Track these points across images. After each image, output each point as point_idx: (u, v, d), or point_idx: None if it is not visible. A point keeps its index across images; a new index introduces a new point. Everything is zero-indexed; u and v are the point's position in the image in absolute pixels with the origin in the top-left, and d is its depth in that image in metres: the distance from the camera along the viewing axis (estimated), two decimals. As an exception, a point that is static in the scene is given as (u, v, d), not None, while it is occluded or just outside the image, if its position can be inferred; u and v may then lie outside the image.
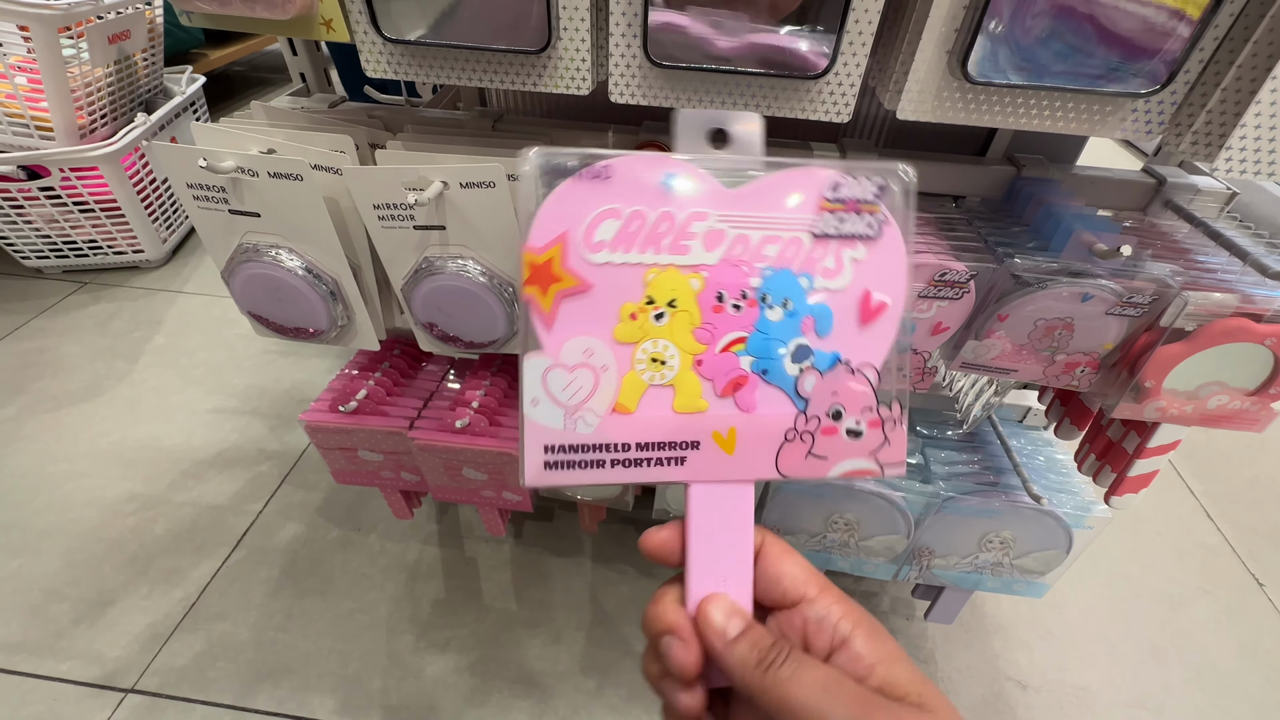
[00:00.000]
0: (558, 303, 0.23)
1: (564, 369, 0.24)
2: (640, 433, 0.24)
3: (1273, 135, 0.32)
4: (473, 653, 0.73)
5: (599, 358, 0.24)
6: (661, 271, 0.24)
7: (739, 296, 0.24)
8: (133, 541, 0.82)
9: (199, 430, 0.98)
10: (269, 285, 0.47)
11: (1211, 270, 0.41)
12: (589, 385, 0.24)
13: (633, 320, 0.24)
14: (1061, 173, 0.47)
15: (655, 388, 0.24)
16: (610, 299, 0.24)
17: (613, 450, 0.24)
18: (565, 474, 0.24)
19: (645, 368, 0.24)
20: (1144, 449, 0.46)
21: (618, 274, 0.23)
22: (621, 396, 0.24)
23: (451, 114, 0.52)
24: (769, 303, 0.24)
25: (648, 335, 0.24)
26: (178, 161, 0.42)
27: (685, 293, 0.24)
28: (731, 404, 0.24)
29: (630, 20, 0.35)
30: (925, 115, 0.36)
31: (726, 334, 0.24)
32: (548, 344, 0.24)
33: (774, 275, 0.24)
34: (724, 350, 0.24)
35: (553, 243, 0.23)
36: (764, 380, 0.24)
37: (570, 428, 0.24)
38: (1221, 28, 0.32)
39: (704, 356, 0.24)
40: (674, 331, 0.24)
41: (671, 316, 0.24)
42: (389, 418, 0.61)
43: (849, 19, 0.33)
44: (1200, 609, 0.81)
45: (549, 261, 0.23)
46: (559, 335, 0.24)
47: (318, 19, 0.35)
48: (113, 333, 1.17)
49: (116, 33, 1.15)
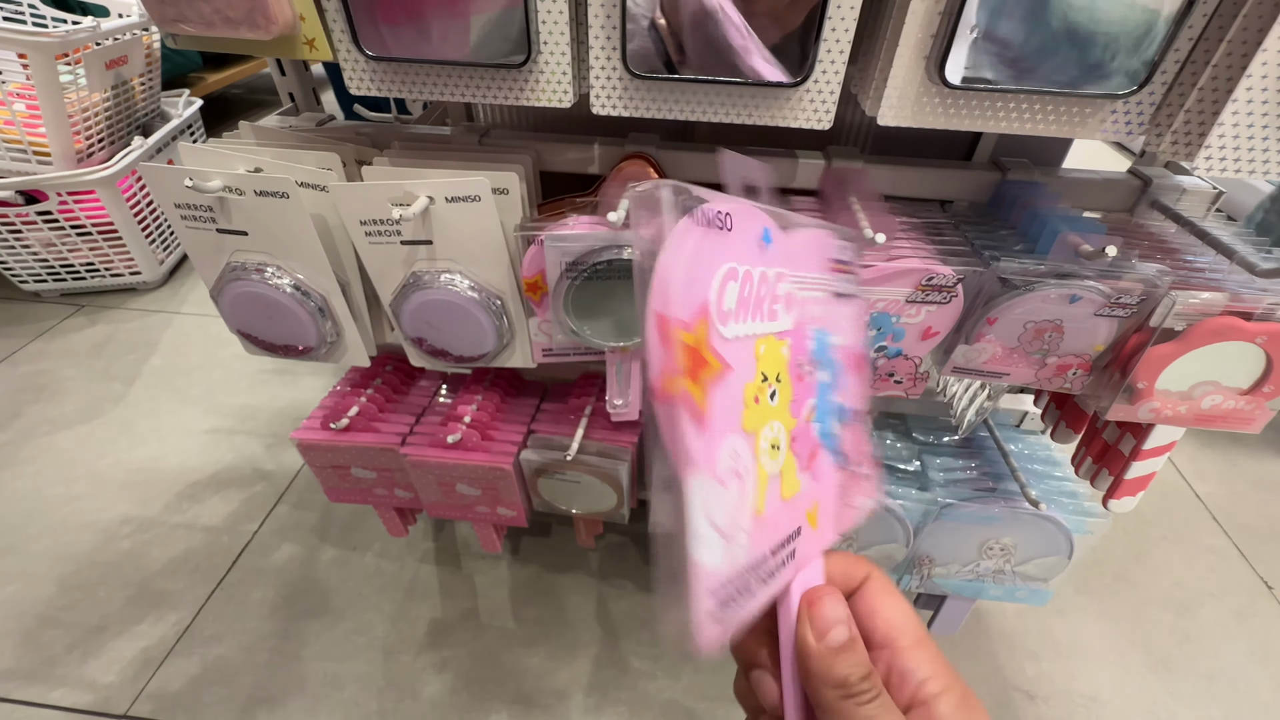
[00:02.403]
0: (709, 395, 0.17)
1: (719, 483, 0.18)
2: (770, 536, 0.19)
3: (1250, 133, 0.32)
4: (470, 672, 0.72)
5: (743, 460, 0.18)
6: (767, 342, 0.20)
7: (807, 362, 0.21)
8: (128, 565, 0.82)
9: (195, 451, 0.98)
10: (257, 303, 0.47)
11: (1199, 269, 0.41)
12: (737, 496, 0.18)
13: (755, 404, 0.19)
14: (1047, 175, 0.47)
15: (772, 479, 0.20)
16: (738, 382, 0.19)
17: (757, 570, 0.19)
18: (730, 618, 0.18)
19: (768, 458, 0.20)
20: (1140, 451, 0.46)
21: (740, 349, 0.19)
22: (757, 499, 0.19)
23: (438, 130, 0.52)
24: (820, 365, 0.22)
25: (766, 419, 0.19)
26: (165, 182, 0.42)
27: (782, 364, 0.20)
28: (809, 477, 0.21)
29: (609, 33, 0.35)
30: (905, 121, 0.36)
31: (805, 402, 0.21)
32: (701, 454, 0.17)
33: (818, 336, 0.22)
34: (806, 421, 0.21)
35: (698, 314, 0.17)
36: (824, 446, 0.22)
37: (731, 558, 0.18)
38: (1196, 28, 0.32)
39: (797, 431, 0.21)
40: (781, 410, 0.20)
41: (780, 393, 0.20)
42: (381, 434, 0.60)
43: (825, 28, 0.33)
44: (1208, 614, 0.80)
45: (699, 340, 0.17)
46: (713, 438, 0.18)
47: (300, 38, 0.36)
48: (109, 355, 1.17)
49: (114, 58, 1.17)
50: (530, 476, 0.61)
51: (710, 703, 0.70)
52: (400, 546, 0.85)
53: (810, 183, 0.49)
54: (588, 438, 0.59)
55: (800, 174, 0.48)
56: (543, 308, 0.46)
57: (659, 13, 0.34)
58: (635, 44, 0.35)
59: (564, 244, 0.41)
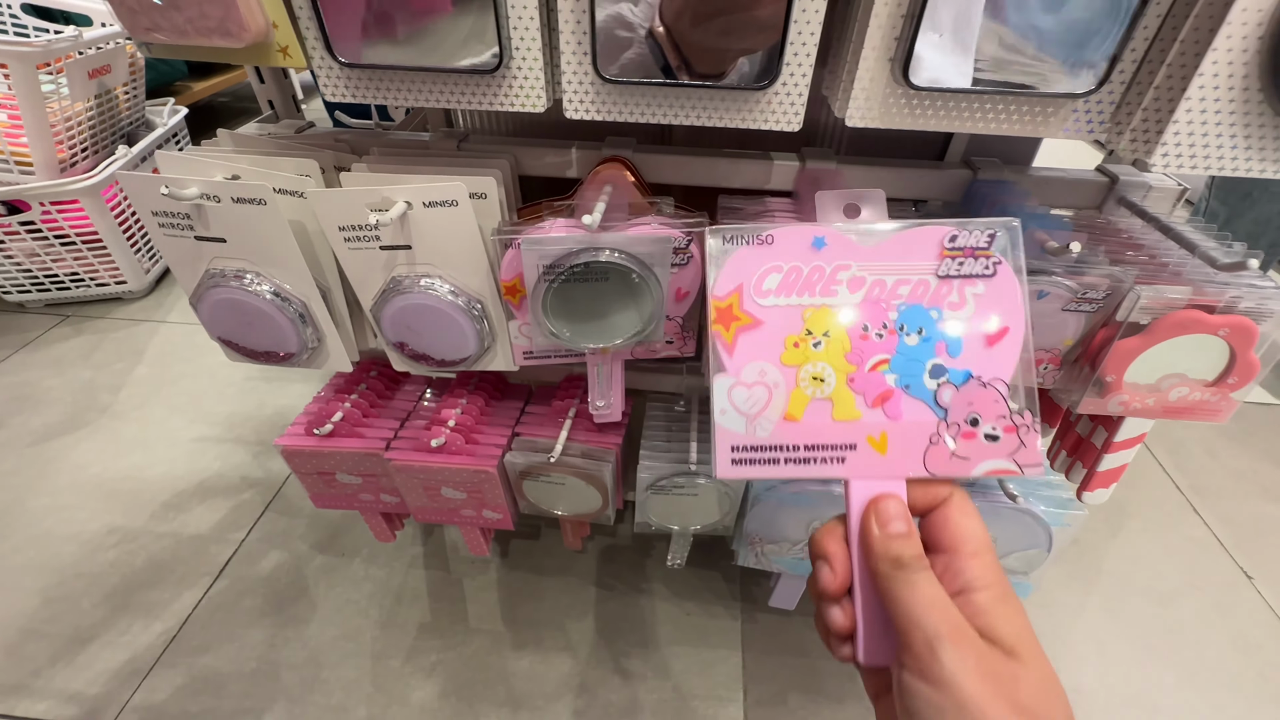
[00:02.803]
0: (737, 336, 0.29)
1: (744, 386, 0.29)
2: (807, 436, 0.29)
3: (1205, 130, 0.33)
4: (459, 676, 0.72)
5: (770, 377, 0.29)
6: (816, 310, 0.29)
7: (880, 327, 0.29)
8: (113, 575, 0.81)
9: (181, 460, 0.98)
10: (237, 310, 0.47)
11: (1164, 264, 0.42)
12: (764, 399, 0.29)
13: (795, 348, 0.29)
14: (1017, 174, 0.48)
15: (817, 401, 0.29)
16: (778, 332, 0.29)
17: (785, 450, 0.29)
18: (748, 469, 0.29)
19: (808, 385, 0.29)
20: (1111, 444, 0.46)
21: (782, 313, 0.29)
22: (790, 408, 0.29)
23: (417, 135, 0.53)
24: (906, 331, 0.29)
25: (808, 359, 0.29)
26: (142, 190, 0.42)
27: (836, 326, 0.29)
28: (881, 413, 0.29)
29: (580, 38, 0.35)
30: (873, 122, 0.37)
31: (872, 356, 0.29)
32: (730, 367, 0.29)
33: (908, 309, 0.29)
34: (872, 370, 0.29)
35: (732, 292, 0.29)
36: (907, 394, 0.29)
37: (751, 432, 0.29)
38: (1150, 28, 0.33)
39: (855, 375, 0.29)
40: (830, 355, 0.29)
41: (827, 344, 0.29)
42: (366, 439, 0.61)
43: (790, 31, 0.34)
44: (1189, 604, 0.81)
45: (730, 305, 0.29)
46: (739, 361, 0.29)
47: (274, 46, 0.36)
48: (95, 364, 1.16)
49: (97, 67, 1.16)
50: (515, 479, 0.61)
51: (700, 701, 0.70)
52: (388, 552, 0.85)
53: (786, 184, 0.49)
54: (572, 439, 0.59)
55: (775, 176, 0.49)
56: (522, 311, 0.47)
57: (657, 21, 0.35)
58: (632, 52, 0.36)
59: (541, 247, 0.42)
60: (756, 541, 0.61)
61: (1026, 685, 0.23)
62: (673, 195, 0.47)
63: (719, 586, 0.81)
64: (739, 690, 0.71)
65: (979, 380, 0.29)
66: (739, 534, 0.62)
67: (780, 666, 0.73)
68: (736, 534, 0.63)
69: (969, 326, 0.29)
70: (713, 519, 0.62)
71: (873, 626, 0.27)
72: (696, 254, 0.44)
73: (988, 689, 0.22)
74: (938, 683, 0.22)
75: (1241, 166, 0.34)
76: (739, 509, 0.61)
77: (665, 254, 0.42)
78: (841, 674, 0.72)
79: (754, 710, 0.70)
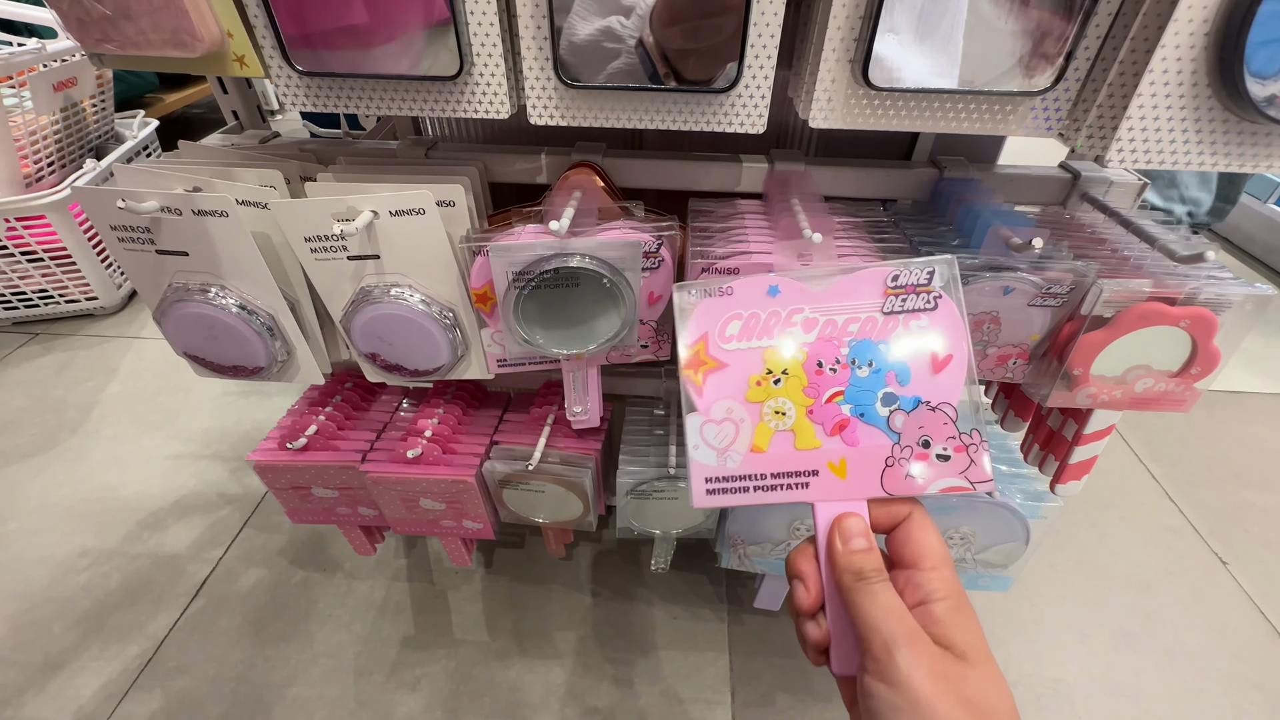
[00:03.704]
0: (705, 378, 0.32)
1: (714, 423, 0.32)
2: (773, 465, 0.31)
3: (1157, 125, 0.33)
4: (444, 689, 0.71)
5: (737, 413, 0.32)
6: (775, 351, 0.32)
7: (834, 362, 0.32)
8: (85, 599, 0.79)
9: (156, 478, 0.96)
10: (202, 324, 0.47)
11: (1126, 258, 0.42)
12: (733, 433, 0.32)
13: (758, 386, 0.32)
14: (982, 172, 0.49)
15: (780, 432, 0.32)
16: (741, 372, 0.32)
17: (754, 479, 0.32)
18: (722, 498, 0.32)
19: (771, 418, 0.32)
20: (1081, 436, 0.47)
21: (745, 355, 0.32)
22: (756, 440, 0.32)
23: (384, 144, 0.52)
24: (857, 364, 0.32)
25: (770, 395, 0.32)
26: (99, 204, 0.41)
27: (794, 364, 0.32)
28: (840, 441, 0.31)
29: (540, 44, 0.35)
30: (836, 122, 0.37)
31: (828, 389, 0.32)
32: (700, 407, 0.32)
33: (858, 344, 0.32)
34: (828, 401, 0.32)
35: (699, 339, 0.33)
36: (862, 421, 0.31)
37: (722, 463, 0.32)
38: (1102, 26, 0.33)
39: (813, 407, 0.32)
40: (789, 391, 0.32)
41: (786, 381, 0.32)
42: (341, 452, 0.60)
43: (750, 34, 0.34)
44: (1167, 591, 0.82)
45: (698, 352, 0.33)
46: (708, 400, 0.32)
47: (230, 55, 0.36)
48: (65, 383, 1.14)
49: (62, 80, 1.14)
50: (495, 488, 0.60)
51: (689, 705, 0.70)
52: (371, 565, 0.83)
53: (755, 186, 0.49)
54: (551, 446, 0.59)
55: (745, 178, 0.49)
56: (494, 318, 0.47)
57: (647, 31, 0.35)
58: (620, 62, 0.36)
59: (510, 254, 0.41)
60: (739, 543, 0.61)
61: (974, 683, 0.25)
62: (644, 199, 0.47)
63: (704, 589, 0.81)
64: (727, 693, 0.71)
65: (928, 405, 0.31)
66: (721, 536, 0.62)
67: (767, 667, 0.73)
68: (719, 536, 0.63)
69: (915, 356, 0.31)
70: (695, 522, 0.62)
71: (842, 637, 0.29)
72: (668, 257, 0.44)
73: (939, 687, 0.24)
74: (894, 683, 0.24)
75: (1194, 161, 0.35)
76: (720, 512, 0.61)
77: (636, 258, 0.42)
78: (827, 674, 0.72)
79: (742, 712, 0.70)
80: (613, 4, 0.34)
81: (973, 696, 0.24)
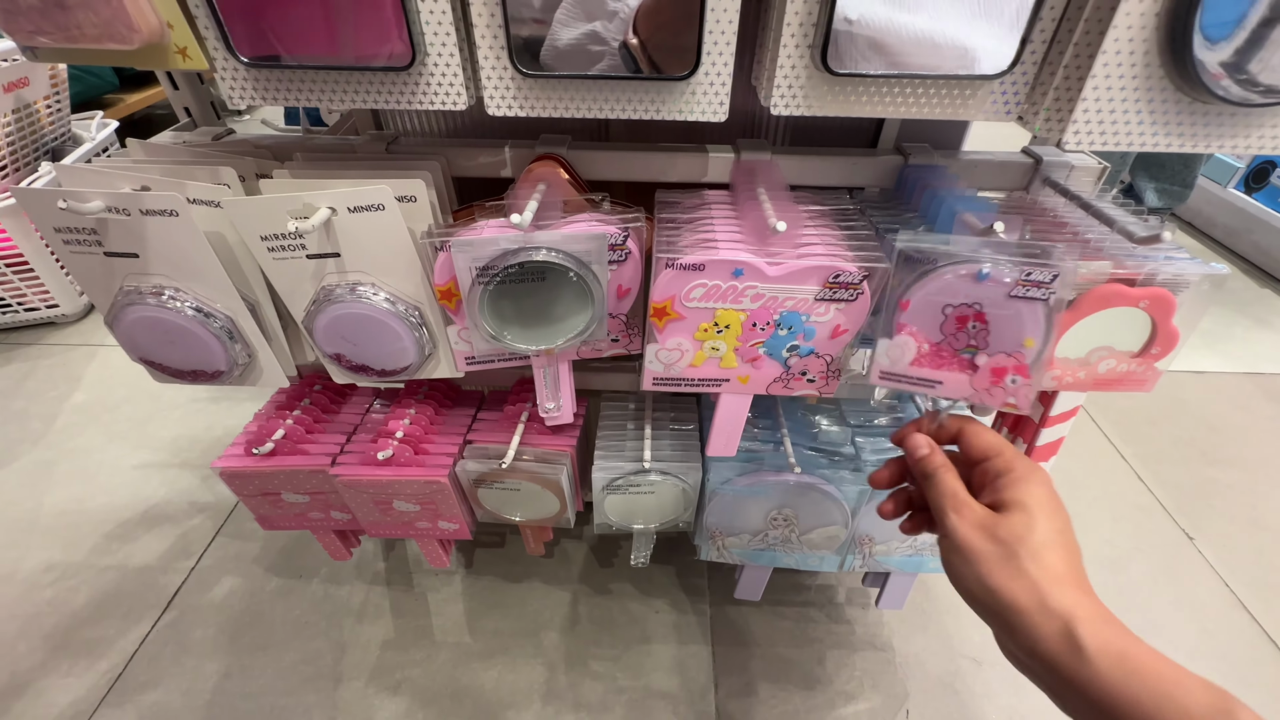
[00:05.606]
0: (667, 325, 0.43)
1: (666, 350, 0.45)
2: (701, 374, 0.46)
3: (1112, 107, 0.34)
4: (426, 692, 0.70)
5: (684, 346, 0.45)
6: (725, 311, 0.42)
7: (765, 324, 0.43)
8: (50, 615, 0.77)
9: (124, 488, 0.93)
10: (157, 328, 0.45)
11: (1087, 241, 0.43)
12: (678, 357, 0.45)
13: (705, 331, 0.44)
14: (947, 158, 0.49)
15: (711, 359, 0.45)
16: (695, 322, 0.43)
17: (687, 381, 0.47)
18: (664, 385, 0.47)
19: (708, 351, 0.45)
20: (1047, 418, 0.48)
21: (701, 312, 0.43)
22: (694, 361, 0.45)
23: (344, 140, 0.51)
24: (781, 327, 0.43)
25: (710, 338, 0.44)
26: (40, 205, 0.40)
27: (735, 321, 0.43)
28: (750, 366, 0.46)
29: (495, 31, 0.34)
30: (797, 109, 0.37)
31: (753, 340, 0.44)
32: (659, 340, 0.44)
33: (787, 314, 0.43)
34: (751, 346, 0.44)
35: (668, 298, 0.42)
36: (768, 357, 0.45)
37: (667, 371, 0.46)
38: (1057, 8, 0.33)
39: (740, 348, 0.45)
40: (726, 338, 0.44)
41: (726, 332, 0.44)
42: (310, 456, 0.58)
43: (707, 20, 0.33)
44: (1137, 568, 0.84)
45: (665, 307, 0.42)
46: (665, 338, 0.44)
47: (171, 48, 0.34)
48: (27, 394, 1.10)
49: (12, 80, 1.10)
50: (469, 487, 0.60)
51: (671, 699, 0.70)
52: (348, 570, 0.82)
53: (722, 176, 0.49)
54: (525, 444, 0.58)
55: (712, 168, 0.49)
56: (460, 315, 0.46)
57: (630, 33, 0.34)
58: (604, 64, 0.35)
59: (473, 249, 0.41)
60: (717, 535, 0.61)
61: (1005, 526, 0.33)
62: (612, 192, 0.46)
63: (686, 581, 0.81)
64: (710, 684, 0.71)
65: (815, 354, 0.45)
66: (699, 529, 0.62)
67: (749, 657, 0.74)
68: (697, 529, 0.63)
69: (823, 327, 0.43)
70: (672, 516, 0.62)
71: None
72: (635, 249, 0.43)
73: (976, 533, 0.34)
74: (948, 536, 0.35)
75: (1149, 141, 0.35)
76: (698, 504, 0.61)
77: (601, 250, 0.42)
78: (809, 661, 0.72)
79: (725, 702, 0.70)
80: (597, 9, 0.34)
81: (1004, 536, 0.33)
